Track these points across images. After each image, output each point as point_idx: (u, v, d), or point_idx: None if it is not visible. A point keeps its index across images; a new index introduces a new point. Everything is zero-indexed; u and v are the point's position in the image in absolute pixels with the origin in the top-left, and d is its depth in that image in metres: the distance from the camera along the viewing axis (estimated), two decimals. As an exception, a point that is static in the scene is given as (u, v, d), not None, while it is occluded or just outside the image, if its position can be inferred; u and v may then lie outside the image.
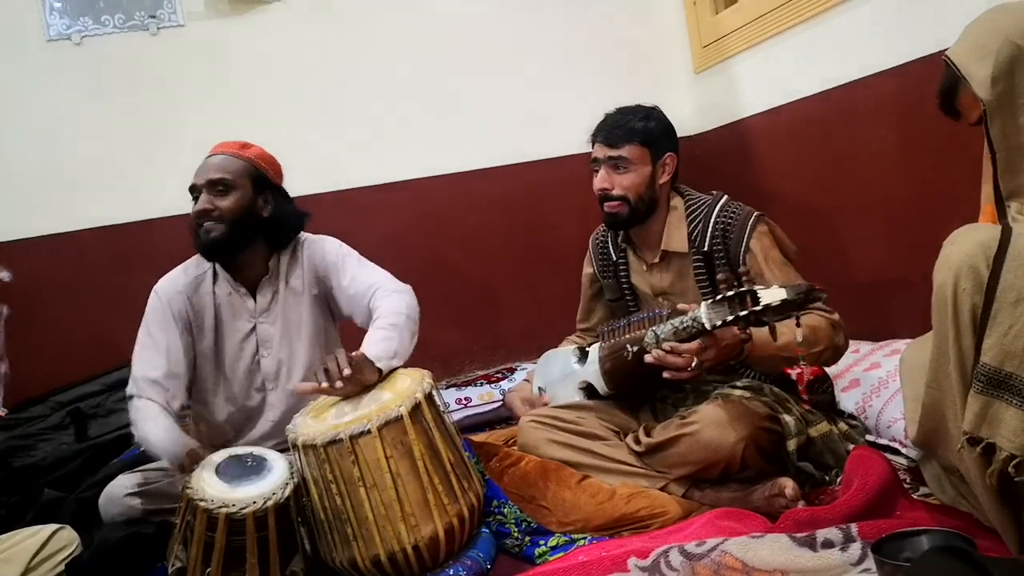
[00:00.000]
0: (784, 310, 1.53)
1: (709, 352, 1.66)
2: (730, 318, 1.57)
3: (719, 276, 1.71)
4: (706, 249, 1.93)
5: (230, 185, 1.93)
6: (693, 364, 1.65)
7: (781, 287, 1.53)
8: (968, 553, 1.17)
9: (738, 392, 1.83)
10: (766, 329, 1.64)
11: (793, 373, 1.59)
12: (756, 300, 1.53)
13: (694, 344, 1.65)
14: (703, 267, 1.94)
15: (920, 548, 1.29)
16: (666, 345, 1.69)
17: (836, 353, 1.81)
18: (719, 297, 1.60)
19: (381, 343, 1.81)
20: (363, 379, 1.71)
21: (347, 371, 1.66)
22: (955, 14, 1.97)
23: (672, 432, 1.80)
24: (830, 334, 1.77)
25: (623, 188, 1.96)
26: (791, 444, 1.75)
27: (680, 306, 1.72)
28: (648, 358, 1.71)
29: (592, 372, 2.01)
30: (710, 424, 1.73)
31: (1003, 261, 1.24)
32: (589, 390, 2.05)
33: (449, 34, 3.22)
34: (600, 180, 1.99)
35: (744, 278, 1.58)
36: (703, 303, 1.65)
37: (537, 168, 3.28)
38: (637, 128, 1.97)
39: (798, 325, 1.58)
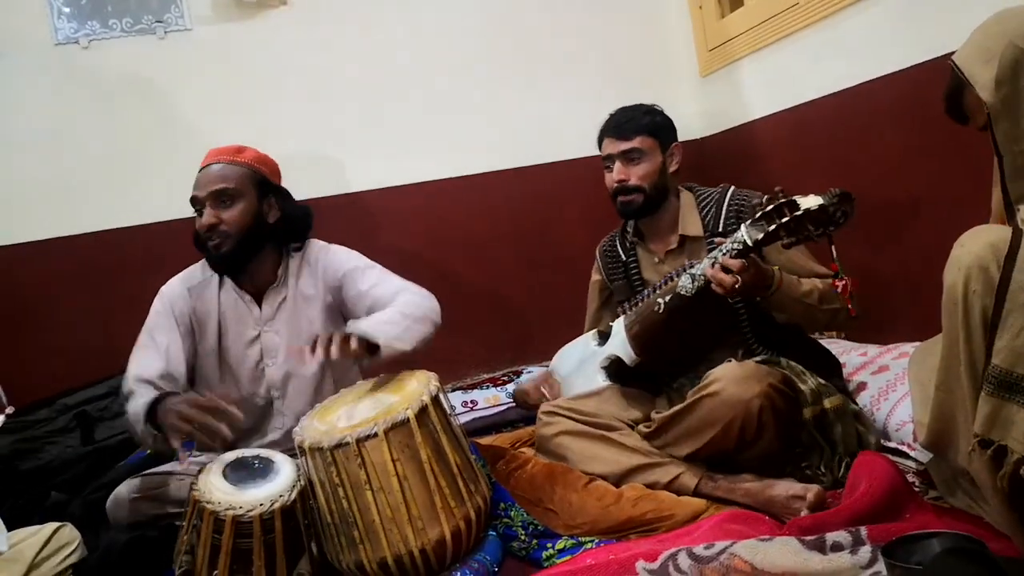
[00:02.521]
0: (821, 217, 1.58)
1: (750, 271, 1.71)
2: (772, 228, 1.63)
3: (755, 201, 1.74)
4: (720, 230, 1.98)
5: (234, 194, 1.92)
6: (739, 284, 1.69)
7: (817, 194, 1.60)
8: (982, 555, 1.17)
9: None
10: (795, 278, 1.77)
11: (839, 285, 1.65)
12: (795, 206, 1.60)
13: (739, 261, 1.70)
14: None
15: (930, 551, 1.28)
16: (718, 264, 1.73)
17: (850, 318, 1.82)
18: (757, 215, 1.66)
19: (383, 323, 1.80)
20: (350, 351, 1.69)
21: (335, 349, 1.66)
22: (962, 17, 1.96)
23: (688, 400, 1.80)
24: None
25: (639, 178, 2.05)
26: (807, 412, 1.78)
27: (717, 239, 1.79)
28: (708, 272, 1.74)
29: (618, 343, 2.03)
30: (729, 381, 1.74)
31: (1014, 263, 1.23)
32: (613, 366, 2.06)
33: (455, 39, 3.23)
34: (616, 173, 2.08)
35: (779, 192, 1.64)
36: (742, 225, 1.71)
37: (543, 172, 3.28)
38: (645, 121, 2.08)
39: (831, 242, 1.63)
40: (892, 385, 1.99)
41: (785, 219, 1.60)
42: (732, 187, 2.07)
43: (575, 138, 3.20)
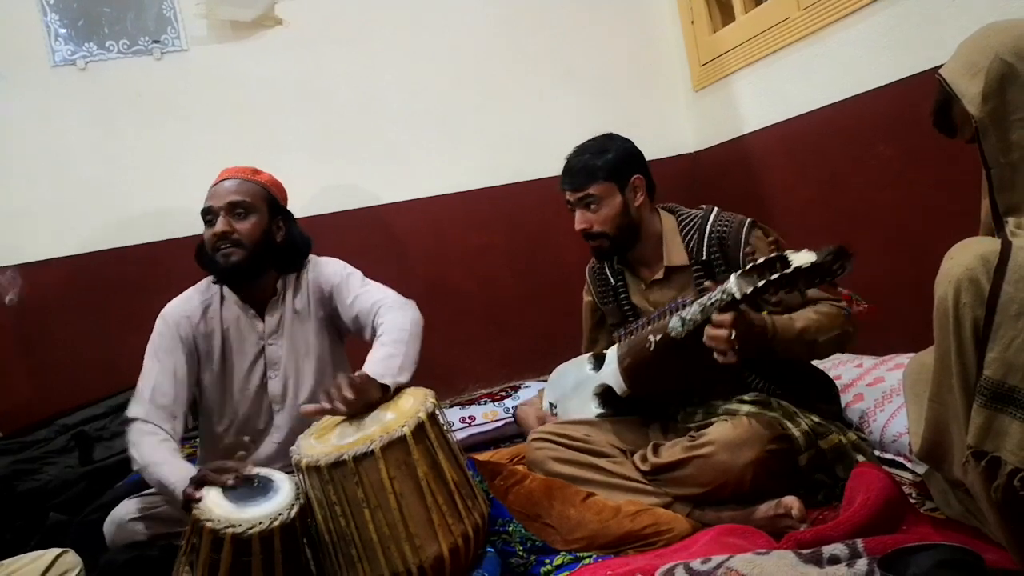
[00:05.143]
0: (814, 273, 1.53)
1: (740, 325, 1.65)
2: (761, 284, 1.57)
3: (745, 250, 1.69)
4: (704, 258, 1.95)
5: (249, 208, 1.94)
6: (733, 336, 1.64)
7: (810, 251, 1.54)
8: (978, 567, 1.17)
9: (745, 408, 1.83)
10: (786, 316, 1.70)
11: (859, 310, 1.64)
12: (787, 263, 1.55)
13: (729, 315, 1.65)
14: (704, 277, 1.94)
15: (927, 563, 1.28)
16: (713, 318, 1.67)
17: (848, 339, 1.82)
18: (748, 267, 1.61)
19: (384, 360, 1.80)
20: (367, 398, 1.71)
21: (349, 394, 1.65)
22: (949, 31, 1.99)
23: (680, 454, 1.80)
24: (842, 321, 1.79)
25: (600, 224, 2.00)
26: (802, 459, 1.76)
27: (708, 283, 1.74)
28: (705, 338, 1.68)
29: (610, 373, 2.00)
30: (722, 447, 1.73)
31: (1003, 274, 1.24)
32: (605, 395, 2.04)
33: (451, 56, 3.26)
34: (578, 221, 2.03)
35: (774, 242, 1.60)
36: (732, 275, 1.65)
37: (538, 187, 3.29)
38: (596, 166, 1.99)
39: (835, 285, 1.59)
40: (888, 396, 2.00)
41: (775, 276, 1.56)
42: (715, 209, 2.01)
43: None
